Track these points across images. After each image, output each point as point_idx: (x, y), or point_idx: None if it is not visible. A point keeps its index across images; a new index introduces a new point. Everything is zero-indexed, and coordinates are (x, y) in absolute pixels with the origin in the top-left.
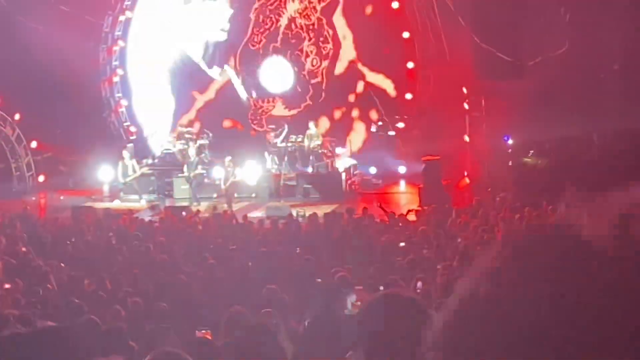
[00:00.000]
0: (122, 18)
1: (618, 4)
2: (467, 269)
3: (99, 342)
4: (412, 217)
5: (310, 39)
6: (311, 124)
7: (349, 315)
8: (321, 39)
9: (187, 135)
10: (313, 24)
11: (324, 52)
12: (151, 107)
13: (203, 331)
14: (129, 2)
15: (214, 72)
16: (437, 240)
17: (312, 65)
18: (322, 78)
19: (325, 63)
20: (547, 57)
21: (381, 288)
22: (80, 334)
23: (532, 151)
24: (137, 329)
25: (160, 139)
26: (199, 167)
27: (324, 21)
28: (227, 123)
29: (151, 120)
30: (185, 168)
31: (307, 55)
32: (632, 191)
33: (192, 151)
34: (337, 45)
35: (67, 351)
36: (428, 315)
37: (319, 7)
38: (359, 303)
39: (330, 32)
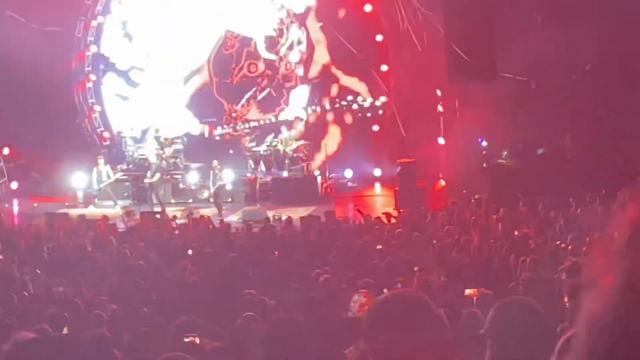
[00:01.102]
0: (94, 23)
1: (590, 6)
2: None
3: (82, 350)
4: (388, 219)
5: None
6: (284, 128)
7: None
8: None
9: (162, 140)
10: (287, 27)
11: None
12: (124, 112)
13: (191, 337)
14: (101, 7)
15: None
16: (413, 242)
17: (286, 70)
18: (296, 82)
19: (299, 67)
20: (520, 58)
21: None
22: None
23: (505, 153)
24: (118, 335)
25: (135, 143)
26: (157, 174)
27: (297, 25)
28: (202, 127)
29: (125, 125)
30: (148, 174)
31: (282, 60)
32: None
33: (152, 158)
34: (311, 49)
35: None
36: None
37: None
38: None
39: (304, 35)
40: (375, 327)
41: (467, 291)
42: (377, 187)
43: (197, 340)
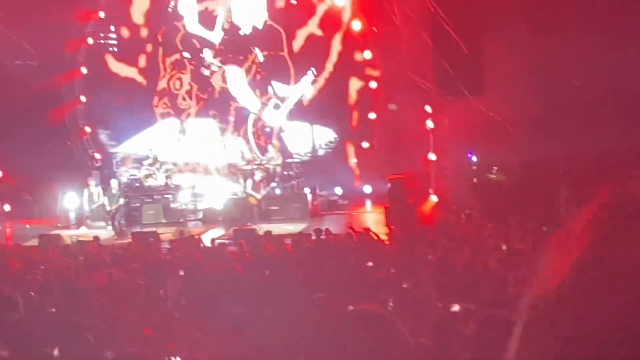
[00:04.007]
0: (84, 45)
1: (579, 21)
2: (435, 286)
3: None
4: (380, 236)
5: None
6: (270, 147)
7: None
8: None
9: (153, 160)
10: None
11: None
12: (117, 133)
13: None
14: (90, 29)
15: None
16: (404, 259)
17: None
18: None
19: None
20: (509, 73)
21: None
22: None
23: (496, 168)
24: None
25: (126, 164)
26: (120, 200)
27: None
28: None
29: (116, 147)
30: (106, 201)
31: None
32: None
33: (114, 183)
34: None
35: None
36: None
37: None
38: None
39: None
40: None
41: (456, 307)
42: (368, 204)
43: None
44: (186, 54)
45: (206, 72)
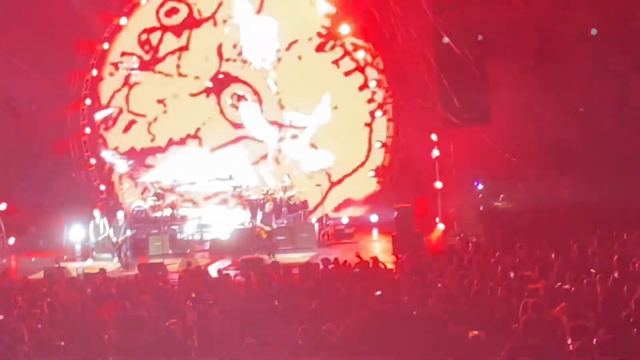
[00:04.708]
0: (88, 76)
1: (582, 48)
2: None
3: None
4: (388, 265)
5: None
6: (285, 176)
7: None
8: None
9: (158, 192)
10: None
11: None
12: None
13: None
14: (95, 61)
15: None
16: (412, 287)
17: None
18: None
19: None
20: (515, 100)
21: None
22: None
23: (502, 195)
24: None
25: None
26: (127, 231)
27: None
28: None
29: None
30: (112, 233)
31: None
32: None
33: (120, 214)
34: None
35: None
36: None
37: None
38: None
39: None
40: None
41: (470, 334)
42: (375, 233)
43: None
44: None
45: (229, 102)
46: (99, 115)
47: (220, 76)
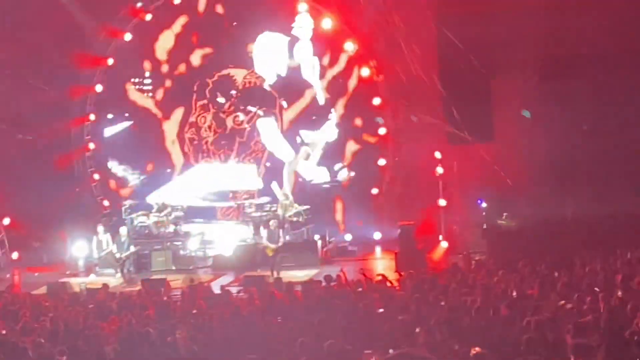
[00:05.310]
0: (92, 92)
1: (586, 67)
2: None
3: None
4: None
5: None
6: (288, 194)
7: None
8: None
9: (161, 208)
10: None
11: None
12: (126, 179)
13: None
14: (100, 76)
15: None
16: (415, 305)
17: None
18: None
19: None
20: (517, 119)
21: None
22: None
23: (505, 214)
24: None
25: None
26: (131, 246)
27: None
28: None
29: (125, 193)
30: (115, 248)
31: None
32: None
33: (123, 230)
34: None
35: None
36: None
37: None
38: None
39: None
40: None
41: (473, 351)
42: (378, 250)
43: None
44: (221, 99)
45: (241, 117)
46: (108, 131)
47: (233, 92)
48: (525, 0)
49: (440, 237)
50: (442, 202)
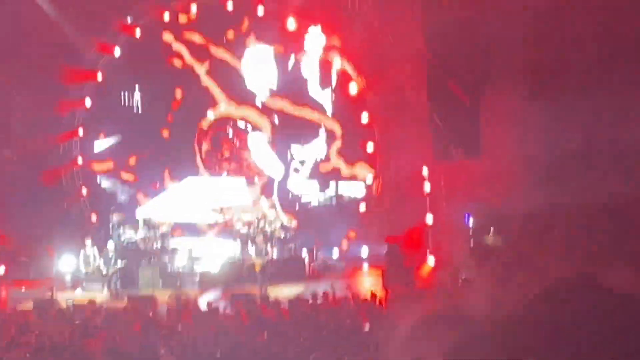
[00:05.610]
0: (82, 107)
1: (575, 83)
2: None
3: None
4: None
5: None
6: (271, 210)
7: None
8: None
9: (149, 223)
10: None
11: None
12: (113, 194)
13: None
14: (87, 90)
15: None
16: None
17: None
18: None
19: None
20: (505, 134)
21: None
22: None
23: (492, 229)
24: None
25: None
26: (118, 262)
27: None
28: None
29: (113, 209)
30: (102, 264)
31: None
32: None
33: (110, 245)
34: None
35: None
36: None
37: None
38: None
39: None
40: None
41: None
42: (365, 267)
43: None
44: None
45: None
46: (98, 146)
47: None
48: (515, 16)
49: (428, 254)
50: (430, 218)
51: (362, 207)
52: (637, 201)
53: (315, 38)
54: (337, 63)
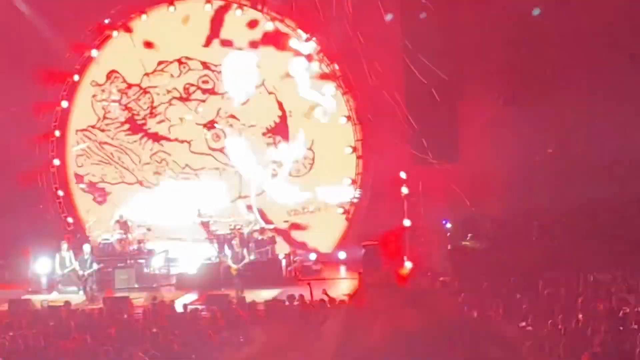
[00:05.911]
0: (58, 108)
1: (551, 89)
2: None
3: None
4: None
5: None
6: (251, 212)
7: None
8: None
9: (126, 225)
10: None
11: None
12: (90, 197)
13: None
14: (65, 92)
15: None
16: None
17: None
18: None
19: None
20: (482, 139)
21: None
22: None
23: (470, 235)
24: None
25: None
26: (94, 264)
27: None
28: None
29: (89, 211)
30: (78, 266)
31: None
32: None
33: (86, 247)
34: None
35: None
36: None
37: None
38: None
39: None
40: None
41: None
42: (342, 270)
43: None
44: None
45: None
46: (75, 149)
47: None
48: (493, 22)
49: (405, 258)
50: (407, 222)
51: (340, 211)
52: (611, 204)
53: (300, 41)
54: (314, 66)
